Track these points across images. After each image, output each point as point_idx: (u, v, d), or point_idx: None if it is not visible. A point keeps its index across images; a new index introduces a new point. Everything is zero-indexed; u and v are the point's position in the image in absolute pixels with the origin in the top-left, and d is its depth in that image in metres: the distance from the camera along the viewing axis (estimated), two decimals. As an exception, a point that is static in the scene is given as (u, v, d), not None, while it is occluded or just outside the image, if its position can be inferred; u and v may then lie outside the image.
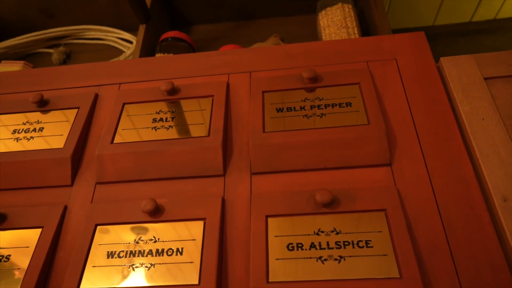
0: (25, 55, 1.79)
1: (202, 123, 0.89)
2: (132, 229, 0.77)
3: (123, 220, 0.78)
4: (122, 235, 0.77)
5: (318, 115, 0.86)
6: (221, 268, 0.73)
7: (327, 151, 0.81)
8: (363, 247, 0.69)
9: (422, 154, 0.82)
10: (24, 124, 0.96)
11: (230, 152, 0.87)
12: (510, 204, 0.72)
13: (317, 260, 0.69)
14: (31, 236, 0.79)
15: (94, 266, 0.73)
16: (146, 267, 0.72)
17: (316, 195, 0.74)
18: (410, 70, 0.95)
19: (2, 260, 0.76)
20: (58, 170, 0.87)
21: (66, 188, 0.87)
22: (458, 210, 0.74)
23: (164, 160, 0.85)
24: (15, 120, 0.97)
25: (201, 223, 0.76)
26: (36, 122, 0.96)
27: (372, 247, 0.69)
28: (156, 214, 0.78)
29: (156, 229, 0.76)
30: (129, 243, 0.75)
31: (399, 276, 0.65)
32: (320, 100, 0.89)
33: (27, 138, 0.92)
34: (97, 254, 0.75)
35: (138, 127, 0.91)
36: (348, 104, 0.87)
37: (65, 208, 0.84)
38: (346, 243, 0.70)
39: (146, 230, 0.76)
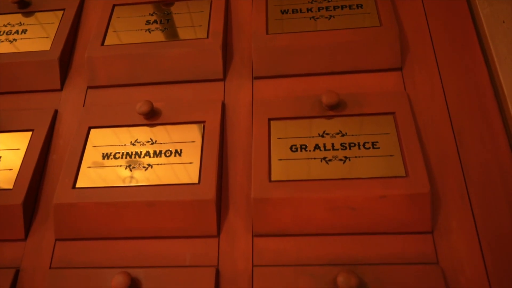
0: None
1: (200, 25, 0.82)
2: (128, 131, 0.73)
3: (118, 123, 0.74)
4: (117, 137, 0.73)
5: (326, 17, 0.80)
6: (222, 171, 0.70)
7: (334, 54, 0.76)
8: (369, 148, 0.67)
9: (435, 60, 0.77)
10: (5, 26, 0.88)
11: (230, 57, 0.82)
12: (525, 107, 0.69)
13: (321, 161, 0.66)
14: (22, 139, 0.75)
15: (89, 167, 0.70)
16: (144, 167, 0.69)
17: (322, 97, 0.69)
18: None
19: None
20: (46, 74, 0.81)
21: (56, 92, 0.82)
22: (471, 118, 0.71)
23: (160, 64, 0.79)
24: (-5, 22, 0.90)
25: (200, 126, 0.72)
26: (18, 24, 0.88)
27: (378, 148, 0.66)
28: (153, 117, 0.74)
29: (153, 131, 0.73)
30: (125, 145, 0.72)
31: (405, 175, 0.63)
32: (329, 1, 0.82)
33: (10, 41, 0.85)
34: (92, 156, 0.72)
35: (130, 29, 0.84)
36: (359, 6, 0.80)
37: (56, 112, 0.79)
38: (352, 145, 0.67)
39: (142, 132, 0.73)
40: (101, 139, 0.73)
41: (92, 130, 0.75)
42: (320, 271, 0.60)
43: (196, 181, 0.66)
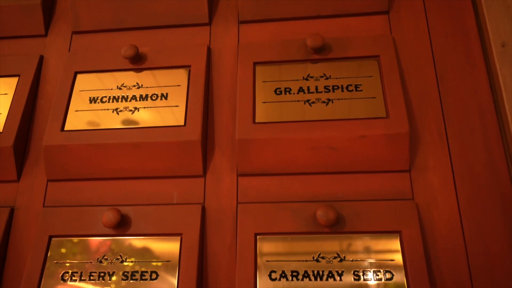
0: None
1: (185, -32, 0.80)
2: (114, 76, 0.74)
3: (103, 68, 0.74)
4: (103, 82, 0.73)
5: (314, -42, 0.78)
6: (207, 114, 0.72)
7: (321, -3, 0.75)
8: (352, 90, 0.68)
9: (423, 4, 0.76)
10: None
11: (216, 1, 0.80)
12: (508, 50, 0.69)
13: (304, 103, 0.67)
14: (9, 84, 0.76)
15: (77, 111, 0.71)
16: (130, 111, 0.70)
17: (307, 40, 0.69)
18: None
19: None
20: (30, 18, 0.80)
21: (41, 38, 0.81)
22: (454, 62, 0.71)
23: (145, 7, 0.78)
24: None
25: (186, 70, 0.72)
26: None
27: (361, 90, 0.67)
28: (138, 61, 0.74)
29: (139, 76, 0.73)
30: (111, 89, 0.73)
31: (385, 116, 0.64)
32: None
33: (-9, -15, 0.83)
34: (79, 100, 0.72)
35: (113, -28, 0.81)
36: None
37: (41, 57, 0.79)
38: (336, 87, 0.68)
39: (128, 77, 0.73)
40: (87, 84, 0.74)
41: (79, 75, 0.75)
42: (300, 207, 0.63)
43: (182, 123, 0.68)
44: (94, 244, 0.64)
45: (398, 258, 0.59)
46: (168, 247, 0.63)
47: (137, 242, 0.64)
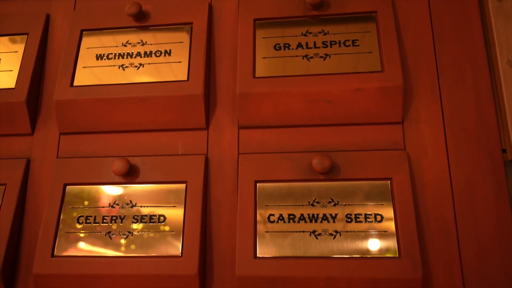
0: None
1: None
2: (119, 33, 0.76)
3: (108, 26, 0.77)
4: (109, 40, 0.76)
5: None
6: (209, 69, 0.74)
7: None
8: (349, 45, 0.70)
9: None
10: None
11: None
12: (504, 4, 0.70)
13: (303, 58, 0.70)
14: (18, 41, 0.78)
15: (84, 67, 0.74)
16: (136, 67, 0.73)
17: (306, -4, 0.71)
18: None
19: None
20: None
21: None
22: (450, 16, 0.72)
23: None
24: None
25: (188, 27, 0.74)
26: None
27: (358, 45, 0.69)
28: (142, 19, 0.76)
29: (143, 33, 0.75)
30: (117, 46, 0.75)
31: (381, 70, 0.67)
32: None
33: None
34: (86, 57, 0.75)
35: None
36: None
37: (48, 16, 0.81)
38: (333, 43, 0.70)
39: (133, 34, 0.76)
40: (93, 42, 0.76)
41: (85, 33, 0.77)
42: (298, 157, 0.67)
43: (185, 78, 0.71)
44: (106, 191, 0.69)
45: (388, 203, 0.63)
46: (174, 193, 0.67)
47: (146, 189, 0.68)
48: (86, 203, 0.69)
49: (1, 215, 0.69)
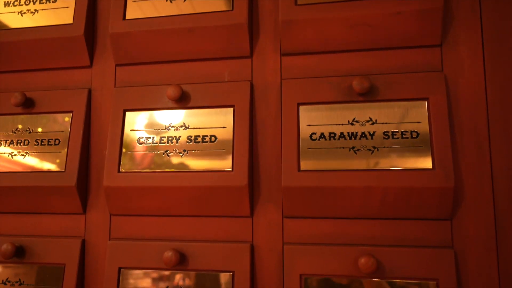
0: None
1: None
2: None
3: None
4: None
5: None
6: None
7: None
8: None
9: None
10: None
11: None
12: None
13: (343, -16, 0.72)
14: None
15: (135, 1, 0.79)
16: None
17: None
18: None
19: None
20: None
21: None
22: None
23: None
24: None
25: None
26: None
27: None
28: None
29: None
30: (163, -20, 0.79)
31: (422, -8, 0.68)
32: None
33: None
34: (135, -8, 0.80)
35: None
36: None
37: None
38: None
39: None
40: (141, -24, 0.80)
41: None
42: (338, 80, 0.71)
43: (229, 8, 0.74)
44: (161, 116, 0.76)
45: (424, 121, 0.67)
46: (224, 116, 0.74)
47: (197, 112, 0.75)
48: (144, 126, 0.77)
49: (71, 138, 0.79)
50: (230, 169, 0.71)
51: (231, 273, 0.70)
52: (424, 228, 0.67)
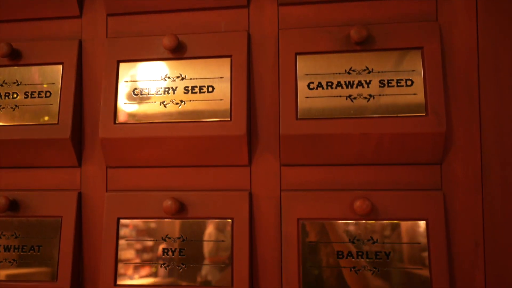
0: None
1: None
2: None
3: None
4: None
5: None
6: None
7: None
8: None
9: None
10: None
11: None
12: None
13: None
14: None
15: None
16: None
17: None
18: None
19: None
20: None
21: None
22: None
23: None
24: None
25: None
26: None
27: None
28: None
29: None
30: None
31: None
32: None
33: None
34: None
35: None
36: None
37: None
38: None
39: None
40: None
41: None
42: (336, 29, 0.72)
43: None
44: (157, 66, 0.75)
45: (419, 69, 0.69)
46: (221, 66, 0.74)
47: (194, 63, 0.74)
48: (139, 77, 0.75)
49: (63, 90, 0.77)
50: (229, 119, 0.72)
51: (231, 220, 0.72)
52: (416, 172, 0.70)
